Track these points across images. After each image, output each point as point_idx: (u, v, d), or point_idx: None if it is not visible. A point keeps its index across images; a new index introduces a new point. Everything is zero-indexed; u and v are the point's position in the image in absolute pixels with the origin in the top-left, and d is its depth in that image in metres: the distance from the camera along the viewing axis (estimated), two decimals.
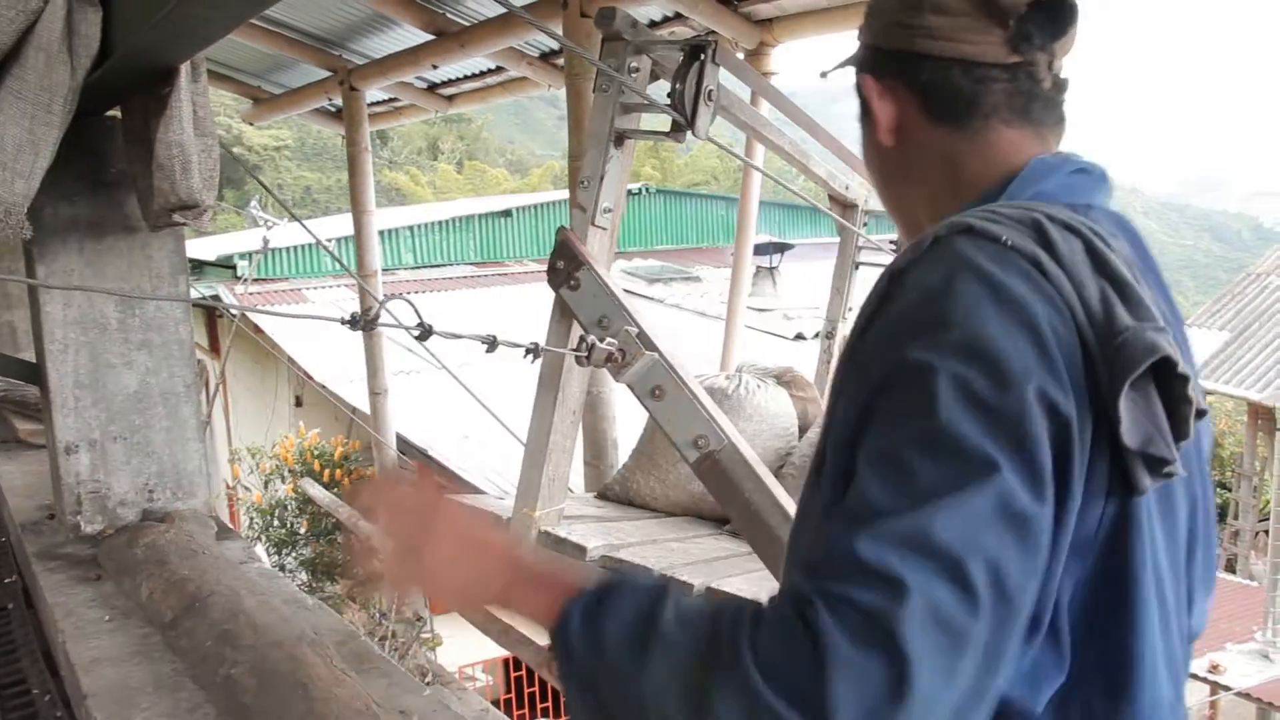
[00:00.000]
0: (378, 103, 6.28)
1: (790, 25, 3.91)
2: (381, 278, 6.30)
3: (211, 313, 10.92)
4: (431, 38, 4.65)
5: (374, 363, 5.85)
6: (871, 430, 0.69)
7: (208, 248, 12.14)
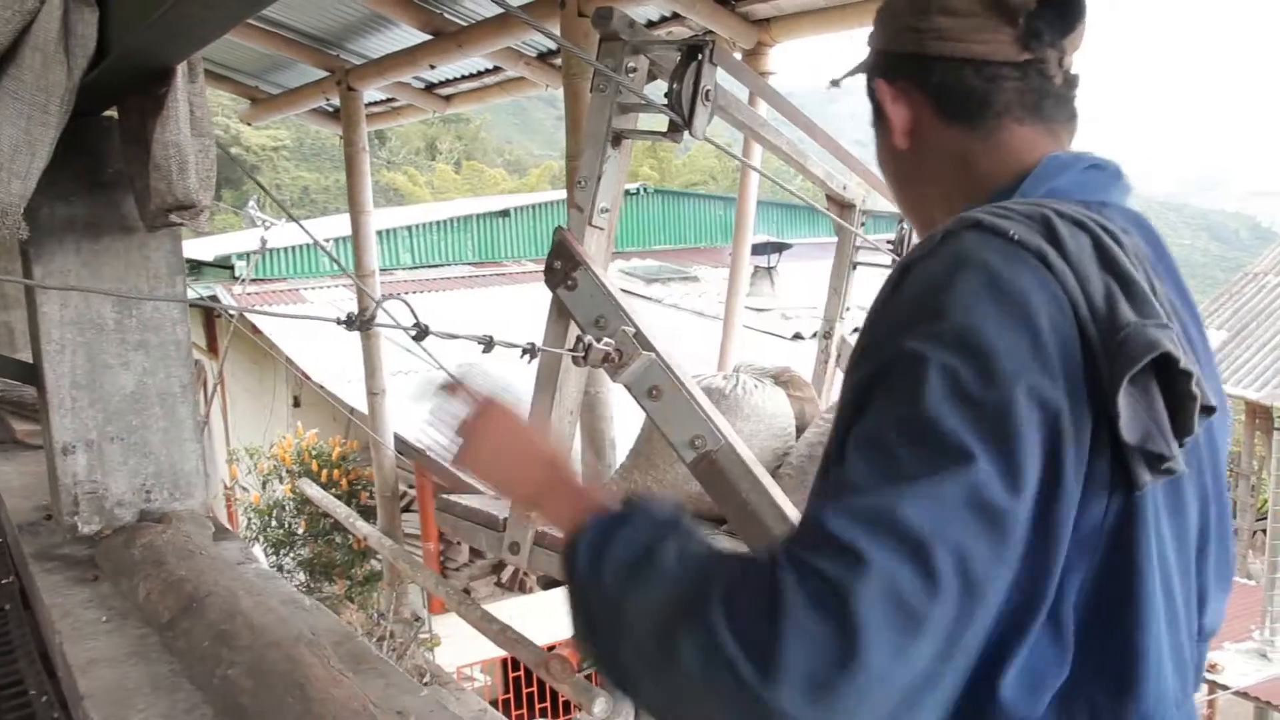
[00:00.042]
0: (375, 103, 6.27)
1: (788, 25, 3.91)
2: (379, 278, 6.29)
3: (209, 313, 10.91)
4: (429, 38, 4.65)
5: (372, 363, 5.84)
6: (864, 415, 0.71)
7: (206, 248, 12.13)
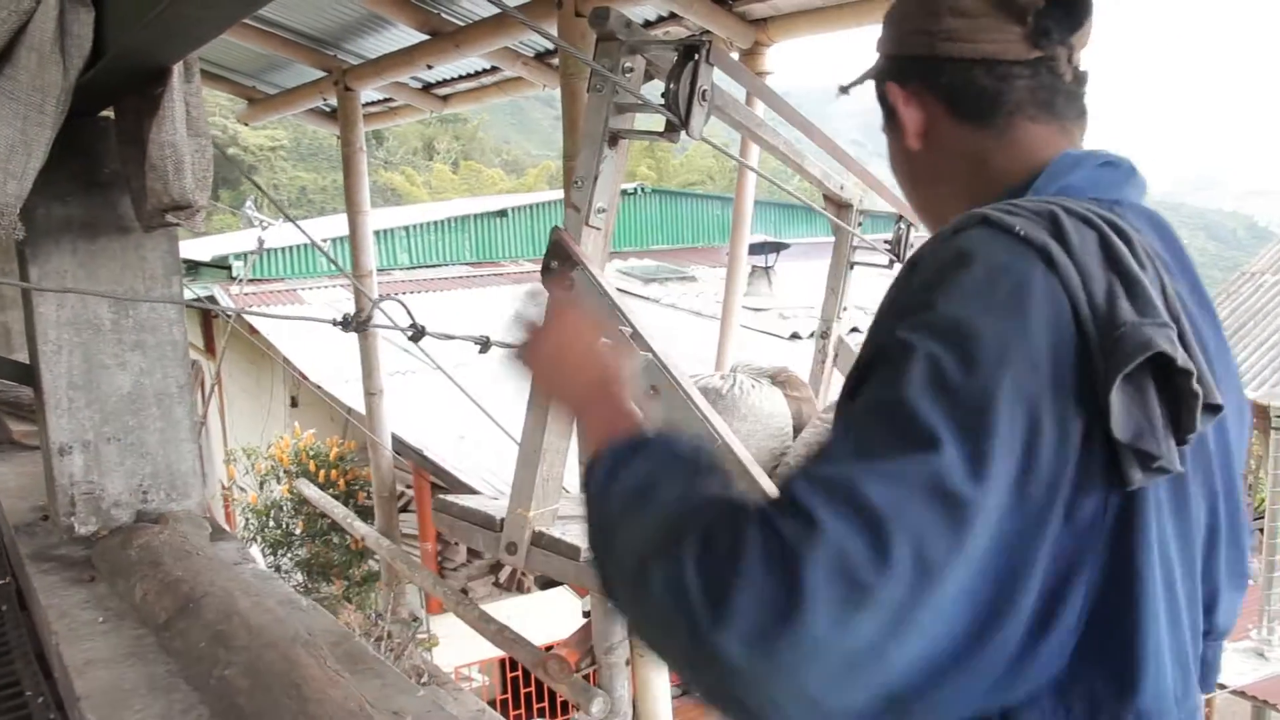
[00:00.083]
0: (373, 103, 6.27)
1: (785, 25, 3.91)
2: (377, 278, 6.28)
3: (207, 313, 10.90)
4: (426, 38, 4.64)
5: (369, 363, 5.84)
6: (853, 399, 0.73)
7: (203, 248, 12.13)
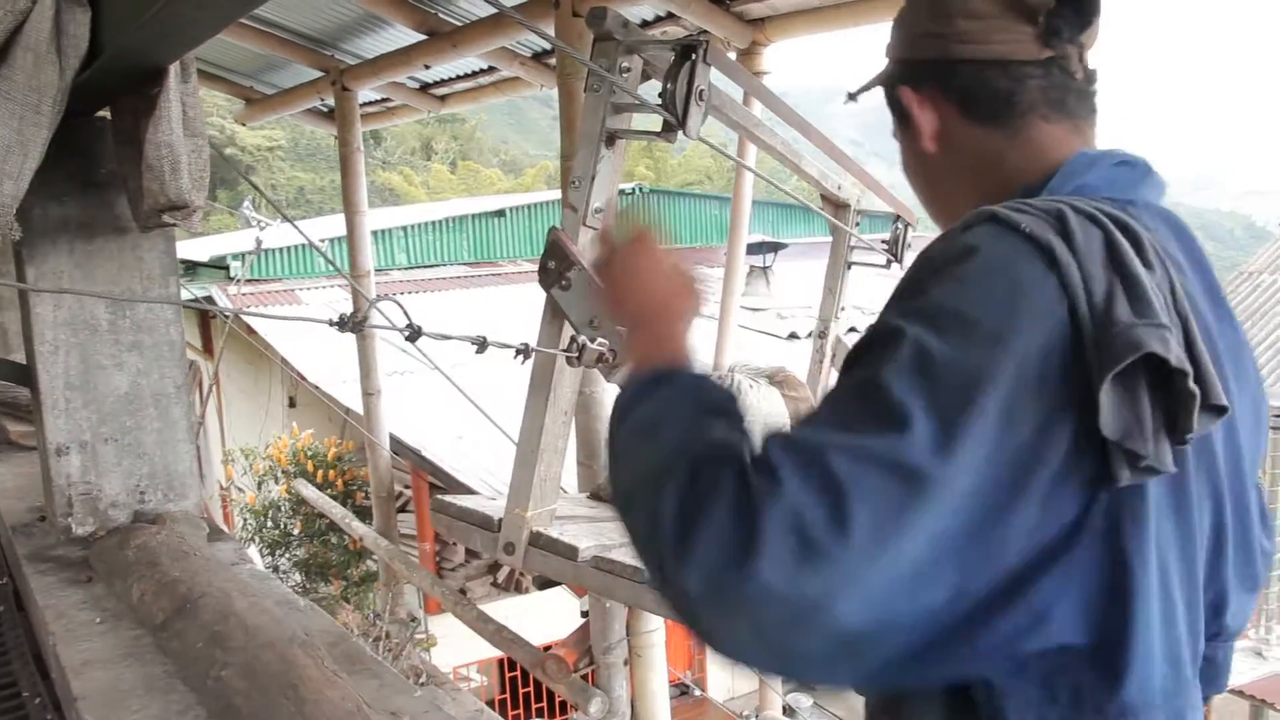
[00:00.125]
0: (370, 103, 6.26)
1: (782, 25, 3.91)
2: (375, 278, 6.28)
3: (205, 314, 10.89)
4: (423, 38, 4.64)
5: (367, 363, 5.84)
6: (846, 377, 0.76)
7: (201, 248, 12.12)
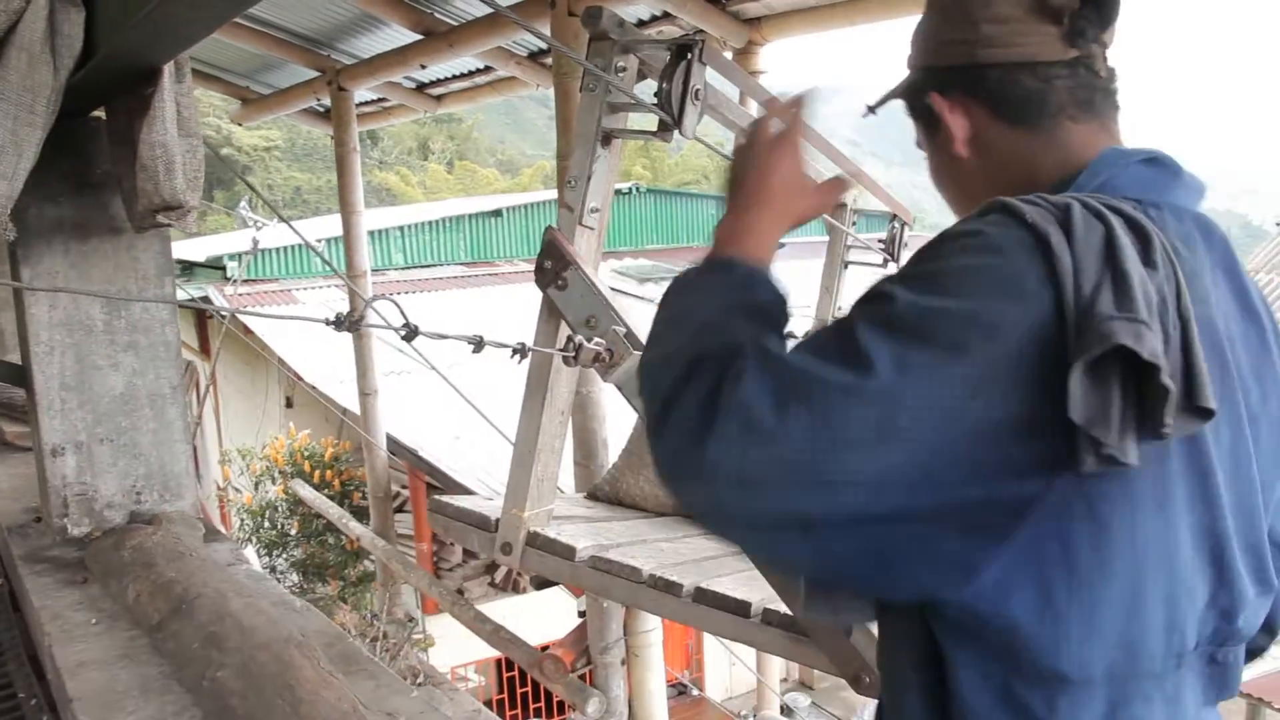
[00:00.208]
0: (366, 103, 6.26)
1: (778, 24, 3.91)
2: (371, 278, 6.28)
3: (202, 314, 10.89)
4: (419, 37, 4.64)
5: (363, 363, 5.84)
6: None
7: (198, 249, 12.10)
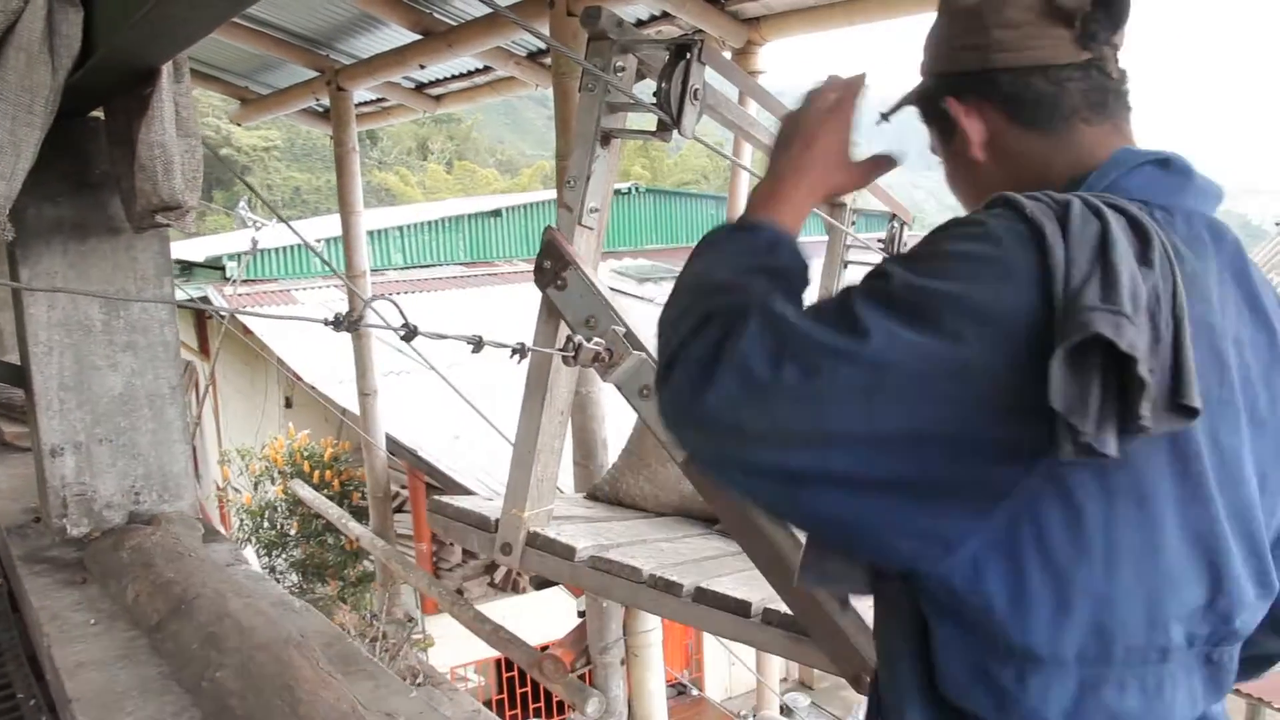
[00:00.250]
0: (365, 103, 6.26)
1: (777, 24, 3.91)
2: (370, 278, 6.27)
3: (201, 314, 10.88)
4: (418, 37, 4.64)
5: (363, 364, 5.83)
6: None
7: (197, 249, 12.09)
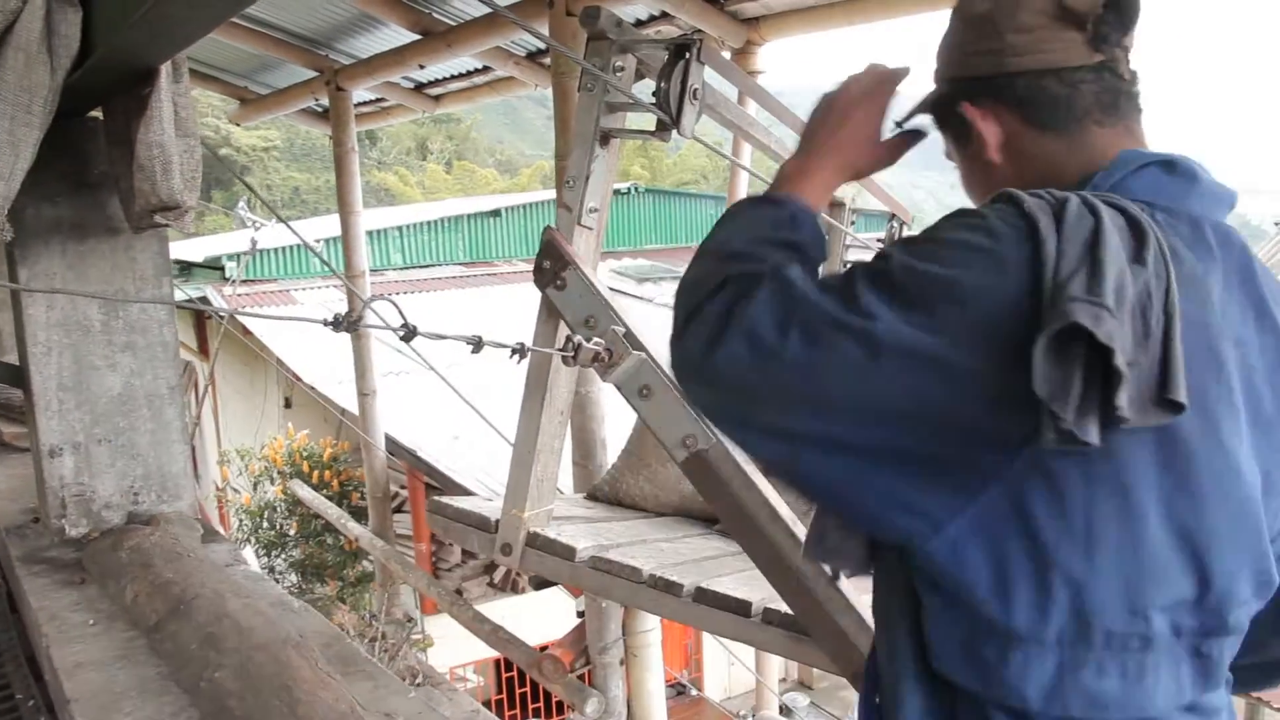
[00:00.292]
0: (365, 103, 6.25)
1: (777, 24, 3.91)
2: (370, 278, 6.27)
3: (200, 314, 10.87)
4: (418, 37, 4.64)
5: (362, 364, 5.83)
6: None
7: (196, 249, 12.09)
